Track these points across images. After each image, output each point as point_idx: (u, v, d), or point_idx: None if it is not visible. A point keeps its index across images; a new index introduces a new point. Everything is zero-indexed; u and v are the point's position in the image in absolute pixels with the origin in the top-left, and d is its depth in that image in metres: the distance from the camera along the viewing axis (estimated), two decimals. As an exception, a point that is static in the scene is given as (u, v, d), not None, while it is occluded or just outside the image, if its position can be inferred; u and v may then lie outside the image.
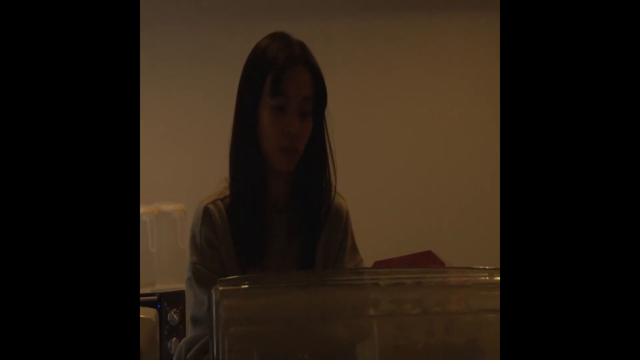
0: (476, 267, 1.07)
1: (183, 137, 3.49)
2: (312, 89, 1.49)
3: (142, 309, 1.16)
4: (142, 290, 2.45)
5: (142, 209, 2.77)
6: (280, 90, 1.45)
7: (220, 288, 0.99)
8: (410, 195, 3.65)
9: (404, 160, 3.67)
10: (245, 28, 3.53)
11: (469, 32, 3.71)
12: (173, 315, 2.60)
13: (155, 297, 2.64)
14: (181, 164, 3.44)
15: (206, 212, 1.54)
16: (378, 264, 2.92)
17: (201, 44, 3.52)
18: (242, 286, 1.04)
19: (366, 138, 3.63)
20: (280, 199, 1.57)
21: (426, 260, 3.26)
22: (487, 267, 1.05)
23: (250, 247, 1.52)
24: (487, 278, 1.05)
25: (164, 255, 2.82)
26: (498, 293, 0.89)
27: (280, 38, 1.52)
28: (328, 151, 1.57)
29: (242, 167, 1.53)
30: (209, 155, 3.50)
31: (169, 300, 2.63)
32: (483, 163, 3.53)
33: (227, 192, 1.56)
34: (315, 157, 1.55)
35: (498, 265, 0.93)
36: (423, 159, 3.70)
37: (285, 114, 1.46)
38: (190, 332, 1.54)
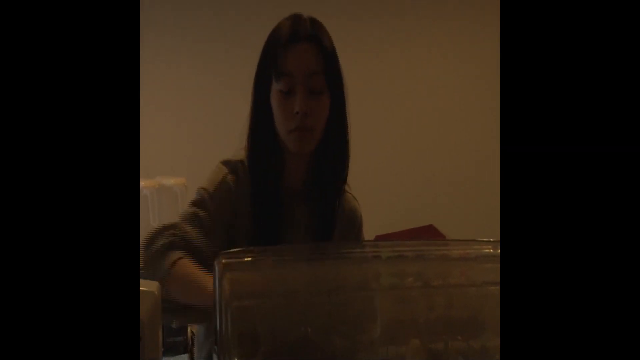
0: (479, 239, 1.07)
1: (184, 112, 3.49)
2: (320, 64, 1.41)
3: (143, 282, 1.16)
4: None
5: (143, 183, 2.77)
6: (284, 70, 1.39)
7: (224, 261, 0.99)
8: (411, 170, 3.66)
9: (406, 135, 3.67)
10: (249, 2, 3.51)
11: (469, 11, 3.70)
12: (173, 289, 2.61)
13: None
14: (182, 138, 3.44)
15: (234, 166, 1.47)
16: (379, 238, 2.92)
17: (203, 19, 3.50)
18: (246, 259, 1.04)
19: (367, 113, 3.62)
20: (297, 183, 1.50)
21: (428, 234, 3.27)
22: (490, 240, 1.05)
23: (266, 221, 1.46)
24: (491, 250, 1.05)
25: (165, 230, 2.82)
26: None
27: (290, 18, 1.45)
28: (346, 133, 1.48)
29: (259, 150, 1.47)
30: (211, 129, 3.51)
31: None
32: (483, 137, 3.53)
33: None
34: (333, 138, 1.47)
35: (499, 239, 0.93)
36: (424, 134, 3.70)
37: (292, 95, 1.40)
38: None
